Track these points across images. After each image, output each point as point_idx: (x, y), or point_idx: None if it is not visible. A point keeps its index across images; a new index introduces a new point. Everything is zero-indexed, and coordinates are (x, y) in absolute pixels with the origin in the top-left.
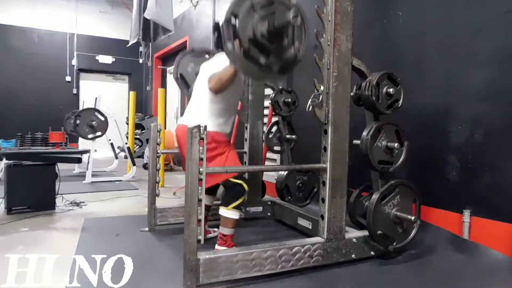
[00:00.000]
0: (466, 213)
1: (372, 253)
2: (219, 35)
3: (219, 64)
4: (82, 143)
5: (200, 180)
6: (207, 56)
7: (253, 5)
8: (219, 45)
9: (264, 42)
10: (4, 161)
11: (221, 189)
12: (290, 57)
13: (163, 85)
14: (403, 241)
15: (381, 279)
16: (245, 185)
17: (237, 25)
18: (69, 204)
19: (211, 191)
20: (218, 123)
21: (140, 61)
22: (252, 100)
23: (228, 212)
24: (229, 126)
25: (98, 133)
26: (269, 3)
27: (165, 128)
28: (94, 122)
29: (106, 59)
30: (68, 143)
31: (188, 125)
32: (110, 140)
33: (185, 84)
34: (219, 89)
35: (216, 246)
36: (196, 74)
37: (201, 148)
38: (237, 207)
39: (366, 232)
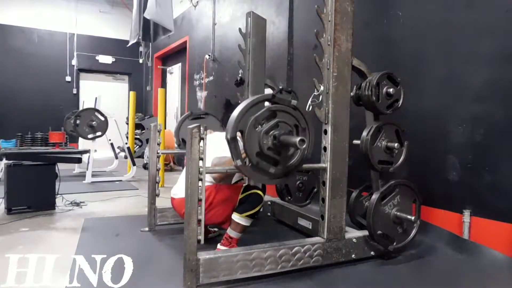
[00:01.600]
0: (466, 213)
1: (372, 253)
2: (227, 110)
3: (222, 146)
4: (82, 143)
5: (200, 180)
6: (203, 117)
7: (257, 120)
8: (226, 121)
9: (271, 155)
10: (4, 161)
11: None
12: (297, 161)
13: (163, 85)
14: (403, 241)
15: (381, 279)
16: (260, 193)
17: (243, 141)
18: (69, 204)
19: None
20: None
21: (140, 61)
22: None
23: (240, 219)
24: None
25: (98, 133)
26: (271, 115)
27: (165, 128)
28: (94, 122)
29: (106, 59)
30: (68, 143)
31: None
32: (110, 140)
33: None
34: (220, 180)
35: (219, 246)
36: None
37: (201, 148)
38: (251, 216)
39: (366, 232)
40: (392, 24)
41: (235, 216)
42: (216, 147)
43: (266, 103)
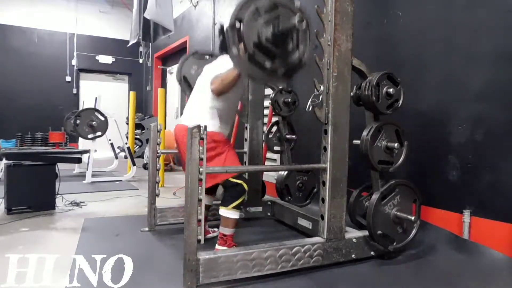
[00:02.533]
0: (466, 213)
1: (372, 253)
2: (223, 38)
3: (222, 66)
4: (82, 143)
5: (200, 180)
6: (209, 58)
7: (258, 9)
8: (224, 48)
9: (269, 46)
10: (4, 161)
11: (221, 189)
12: (295, 60)
13: (163, 85)
14: (403, 241)
15: (381, 279)
16: (244, 185)
17: (241, 29)
18: (69, 204)
19: (210, 191)
20: (218, 124)
21: (140, 61)
22: (252, 100)
23: (228, 212)
24: (228, 127)
25: (98, 133)
26: (273, 7)
27: (165, 128)
28: (94, 122)
29: (106, 59)
30: (68, 143)
31: (188, 125)
32: (110, 140)
33: (188, 86)
34: (222, 91)
35: (217, 246)
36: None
37: (201, 148)
38: (237, 207)
39: (366, 232)
40: (392, 24)
41: (223, 211)
42: (220, 67)
43: None
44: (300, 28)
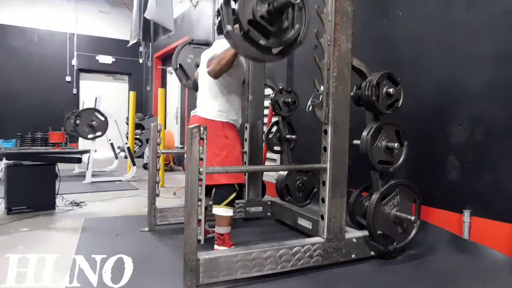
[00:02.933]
0: (466, 213)
1: (372, 253)
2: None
3: (218, 48)
4: (82, 143)
5: (200, 180)
6: (205, 46)
7: None
8: (220, 29)
9: (264, 24)
10: (4, 161)
11: None
12: (291, 39)
13: (163, 85)
14: (403, 241)
15: (381, 279)
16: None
17: (236, 7)
18: (69, 204)
19: (206, 191)
20: (229, 109)
21: (140, 61)
22: (252, 100)
23: (221, 210)
24: (238, 109)
25: (98, 133)
26: None
27: (165, 128)
28: (94, 122)
29: (106, 59)
30: (68, 143)
31: (202, 116)
32: (110, 140)
33: (185, 75)
34: (218, 72)
35: (215, 247)
36: (195, 65)
37: (201, 148)
38: (229, 204)
39: (366, 232)
40: (392, 24)
41: (216, 210)
42: (216, 49)
43: None
44: (296, 4)
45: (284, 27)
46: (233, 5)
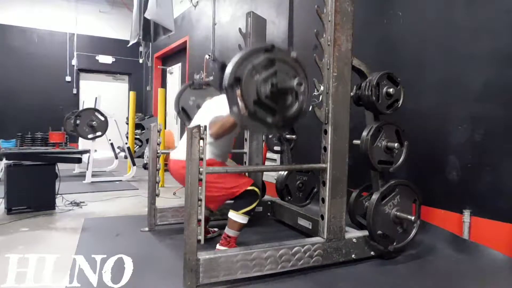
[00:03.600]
0: (466, 213)
1: (372, 253)
2: (223, 73)
3: (223, 107)
4: (82, 143)
5: (200, 180)
6: (206, 87)
7: (254, 67)
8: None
9: (268, 103)
10: (4, 161)
11: None
12: (295, 112)
13: (163, 85)
14: (403, 241)
15: (381, 279)
16: (257, 190)
17: (241, 88)
18: (69, 204)
19: None
20: (215, 154)
21: (140, 61)
22: None
23: (237, 216)
24: (226, 155)
25: (98, 133)
26: (269, 63)
27: (165, 128)
28: (94, 122)
29: (106, 59)
30: (68, 143)
31: (183, 159)
32: (110, 140)
33: (187, 117)
34: (220, 135)
35: (218, 246)
36: (197, 107)
37: (201, 148)
38: (247, 213)
39: (366, 232)
40: (392, 24)
41: (232, 214)
42: (220, 109)
43: None
44: (299, 91)
45: (288, 103)
46: (236, 85)
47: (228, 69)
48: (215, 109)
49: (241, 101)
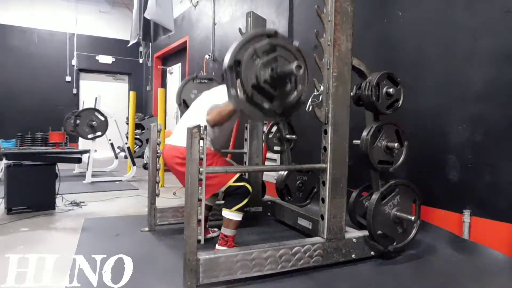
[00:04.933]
0: (466, 213)
1: (372, 253)
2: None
3: (221, 95)
4: (82, 143)
5: (200, 180)
6: (208, 82)
7: (256, 51)
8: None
9: (267, 88)
10: (4, 161)
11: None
12: (293, 100)
13: (163, 85)
14: (403, 241)
15: (381, 279)
16: (248, 186)
17: (240, 71)
18: (69, 204)
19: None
20: (209, 146)
21: (140, 61)
22: None
23: (231, 214)
24: (222, 146)
25: (98, 133)
26: (271, 48)
27: (165, 128)
28: (94, 122)
29: (106, 59)
30: (68, 143)
31: (177, 145)
32: (110, 140)
33: None
34: (217, 122)
35: (217, 246)
36: None
37: (201, 148)
38: (240, 209)
39: (366, 232)
40: (392, 24)
41: (225, 212)
42: (219, 97)
43: None
44: (298, 75)
45: (287, 90)
46: (236, 68)
47: (229, 51)
48: (214, 97)
49: (240, 84)
